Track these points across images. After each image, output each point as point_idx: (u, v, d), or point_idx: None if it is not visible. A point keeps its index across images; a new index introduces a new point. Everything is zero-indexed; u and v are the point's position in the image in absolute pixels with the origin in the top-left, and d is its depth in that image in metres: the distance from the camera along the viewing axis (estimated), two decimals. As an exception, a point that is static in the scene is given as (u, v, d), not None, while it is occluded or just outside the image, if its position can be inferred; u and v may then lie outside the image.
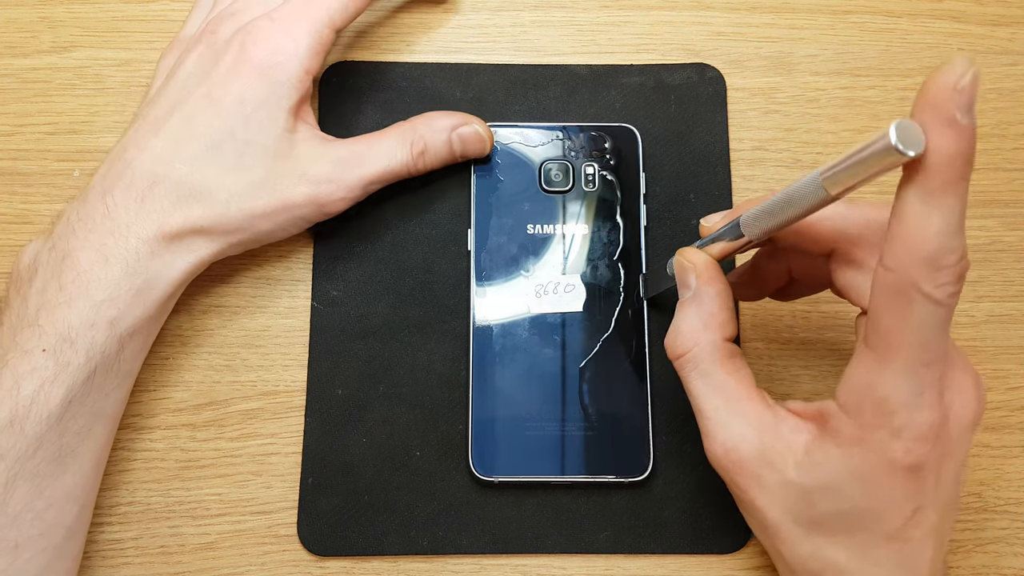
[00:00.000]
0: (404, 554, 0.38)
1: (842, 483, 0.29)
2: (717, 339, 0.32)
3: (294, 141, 0.38)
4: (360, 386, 0.39)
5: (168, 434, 0.39)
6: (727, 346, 0.32)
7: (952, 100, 0.23)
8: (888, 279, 0.26)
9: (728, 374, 0.32)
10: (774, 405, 0.31)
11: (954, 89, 0.23)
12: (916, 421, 0.27)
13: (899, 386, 0.27)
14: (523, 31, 0.44)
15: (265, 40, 0.37)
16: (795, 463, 0.29)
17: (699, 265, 0.33)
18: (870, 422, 0.27)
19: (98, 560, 0.38)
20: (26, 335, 0.33)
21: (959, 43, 0.44)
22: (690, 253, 0.34)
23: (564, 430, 0.38)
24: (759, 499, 0.31)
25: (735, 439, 0.31)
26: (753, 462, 0.30)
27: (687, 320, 0.33)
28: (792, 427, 0.30)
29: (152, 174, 0.35)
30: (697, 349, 0.32)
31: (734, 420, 0.31)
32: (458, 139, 0.40)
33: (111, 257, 0.34)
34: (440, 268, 0.41)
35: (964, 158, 0.24)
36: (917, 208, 0.25)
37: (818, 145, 0.43)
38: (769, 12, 0.45)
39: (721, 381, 0.32)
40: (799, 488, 0.29)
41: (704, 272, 0.33)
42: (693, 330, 0.32)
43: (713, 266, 0.33)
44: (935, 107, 0.24)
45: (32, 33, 0.44)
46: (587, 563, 0.38)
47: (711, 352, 0.32)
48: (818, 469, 0.29)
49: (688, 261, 0.33)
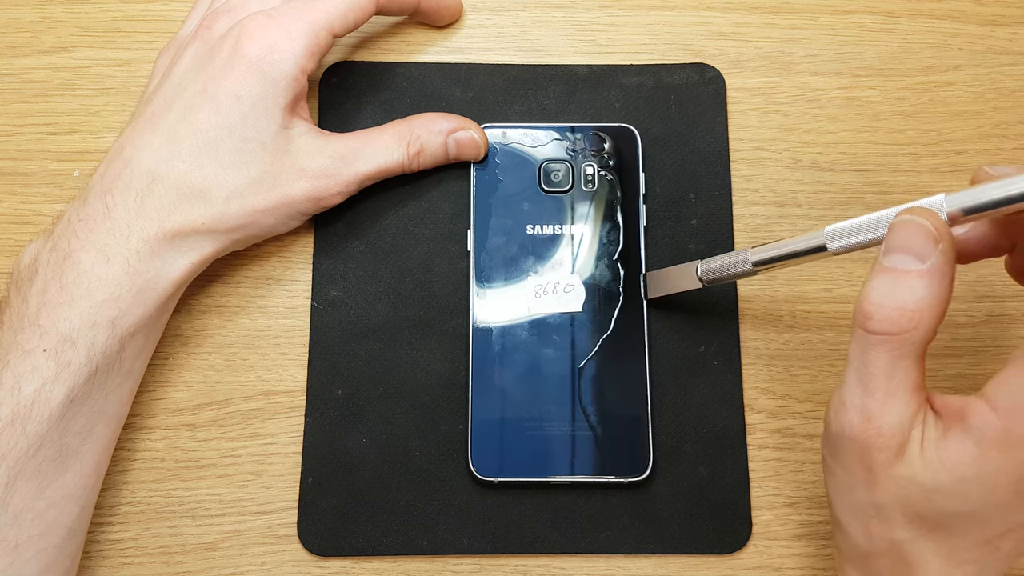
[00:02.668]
0: (404, 554, 0.38)
1: (968, 485, 0.27)
2: (935, 326, 0.29)
3: (291, 137, 0.38)
4: (360, 386, 0.39)
5: (168, 434, 0.39)
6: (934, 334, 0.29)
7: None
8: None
9: (918, 364, 0.29)
10: (930, 398, 0.30)
11: None
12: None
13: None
14: (523, 31, 0.44)
15: (261, 36, 0.37)
16: (925, 459, 0.28)
17: (947, 237, 0.28)
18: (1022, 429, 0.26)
19: (98, 560, 0.38)
20: (27, 335, 0.33)
21: (959, 43, 0.44)
22: (934, 217, 0.29)
23: (564, 430, 0.38)
24: (881, 483, 0.29)
25: (893, 426, 0.29)
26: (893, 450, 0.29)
27: (916, 295, 0.28)
28: (932, 423, 0.29)
29: (151, 173, 0.35)
30: (916, 332, 0.28)
31: (901, 408, 0.29)
32: (454, 143, 0.40)
33: (112, 257, 0.34)
34: (440, 268, 0.41)
35: None
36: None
37: (818, 145, 0.43)
38: (769, 12, 0.45)
39: (910, 368, 0.29)
40: (921, 485, 0.28)
41: (951, 247, 0.28)
42: (920, 309, 0.28)
43: (954, 241, 0.29)
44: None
45: (32, 33, 0.44)
46: (587, 563, 0.38)
47: (925, 338, 0.29)
48: (949, 469, 0.28)
49: (934, 226, 0.28)
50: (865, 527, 0.30)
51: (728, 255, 0.35)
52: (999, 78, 0.44)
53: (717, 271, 0.36)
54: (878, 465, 0.29)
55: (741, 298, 0.41)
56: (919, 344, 0.29)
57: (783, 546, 0.38)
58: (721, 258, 0.36)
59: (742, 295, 0.41)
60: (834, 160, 0.42)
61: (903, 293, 0.28)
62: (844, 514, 0.32)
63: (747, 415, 0.39)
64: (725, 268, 0.35)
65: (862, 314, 0.29)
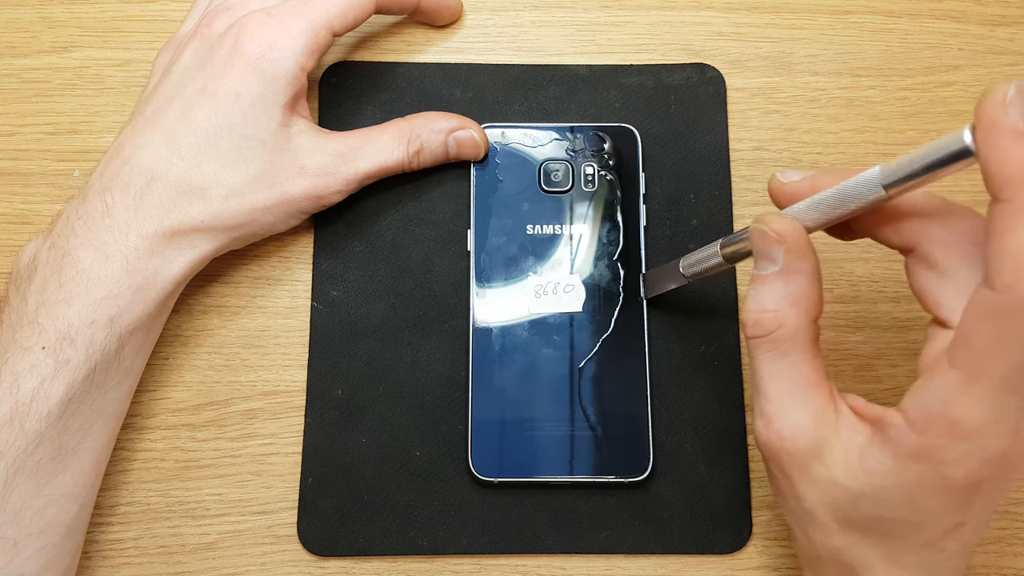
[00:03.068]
0: (404, 554, 0.38)
1: (891, 494, 0.28)
2: (805, 321, 0.30)
3: (291, 135, 0.38)
4: (360, 386, 0.39)
5: (168, 434, 0.39)
6: (813, 328, 0.30)
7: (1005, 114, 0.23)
8: (992, 300, 0.24)
9: (806, 360, 0.30)
10: (838, 399, 0.30)
11: (1004, 104, 0.23)
12: (986, 447, 0.26)
13: (979, 411, 0.25)
14: (523, 31, 0.44)
15: (260, 34, 0.37)
16: (847, 464, 0.28)
17: (789, 237, 0.30)
18: (936, 441, 0.26)
19: (98, 560, 0.38)
20: (25, 333, 0.33)
21: (959, 43, 0.44)
22: (776, 221, 0.30)
23: (564, 430, 0.38)
24: (802, 489, 0.30)
25: (793, 427, 0.29)
26: (806, 453, 0.29)
27: (773, 298, 0.30)
28: (851, 425, 0.29)
29: (150, 170, 0.35)
30: (782, 331, 0.30)
31: (797, 407, 0.29)
32: (454, 143, 0.40)
33: (111, 255, 0.34)
34: (440, 268, 0.41)
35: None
36: (1014, 223, 0.23)
37: (818, 145, 0.43)
38: (769, 12, 0.45)
39: (795, 365, 0.30)
40: (845, 489, 0.28)
41: (796, 245, 0.30)
42: (780, 310, 0.30)
43: (806, 238, 0.30)
44: (991, 127, 0.23)
45: (32, 33, 0.44)
46: (587, 563, 0.38)
47: (795, 334, 0.30)
48: (869, 476, 0.28)
49: (774, 231, 0.30)
50: (805, 533, 0.31)
51: (703, 248, 0.35)
52: (999, 78, 0.44)
53: (695, 264, 0.36)
54: (793, 468, 0.30)
55: (741, 298, 0.41)
56: (791, 342, 0.30)
57: (783, 546, 0.38)
58: (697, 252, 0.36)
59: (742, 295, 0.41)
60: (834, 160, 0.42)
61: (764, 296, 0.30)
62: (789, 521, 0.32)
63: (747, 415, 0.39)
64: (700, 261, 0.35)
65: (740, 323, 0.31)
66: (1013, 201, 0.23)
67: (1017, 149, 0.23)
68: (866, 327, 0.40)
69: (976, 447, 0.26)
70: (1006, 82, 0.23)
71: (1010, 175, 0.23)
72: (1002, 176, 0.23)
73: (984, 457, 0.26)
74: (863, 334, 0.40)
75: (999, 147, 0.23)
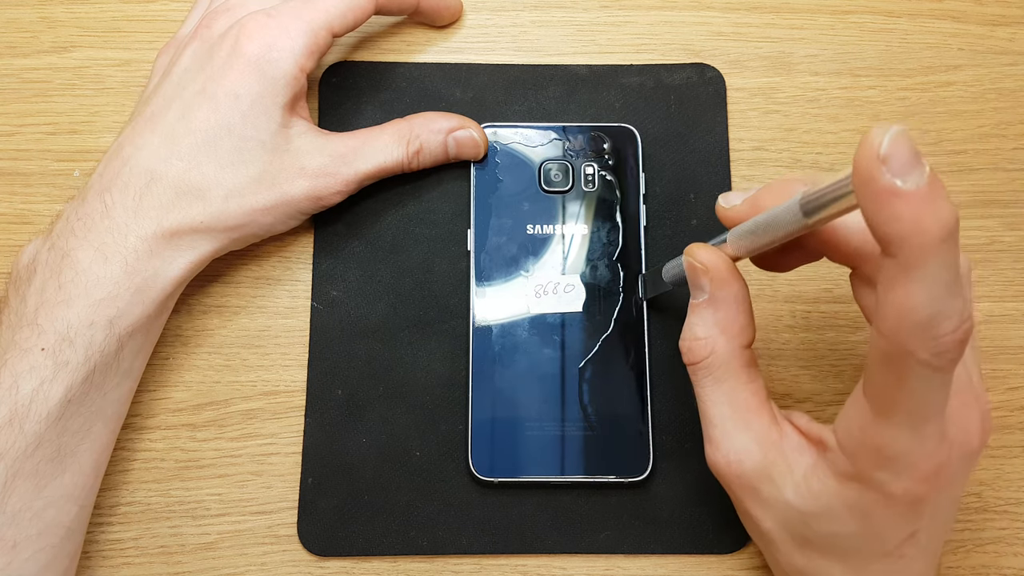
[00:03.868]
0: (404, 554, 0.38)
1: (838, 512, 0.28)
2: (735, 347, 0.31)
3: (290, 136, 0.38)
4: (360, 386, 0.39)
5: (168, 434, 0.39)
6: (744, 354, 0.31)
7: (880, 170, 0.21)
8: (882, 345, 0.24)
9: (742, 385, 0.31)
10: (781, 420, 0.31)
11: (878, 159, 0.21)
12: (917, 467, 0.26)
13: (898, 438, 0.26)
14: (523, 31, 0.44)
15: (260, 35, 0.37)
16: (794, 485, 0.29)
17: (712, 267, 0.31)
18: (867, 465, 0.27)
19: (98, 560, 0.38)
20: (25, 334, 0.33)
21: (959, 43, 0.44)
22: (701, 252, 0.31)
23: (564, 430, 0.38)
24: (755, 511, 0.31)
25: (738, 451, 0.30)
26: (753, 476, 0.30)
27: (703, 325, 0.31)
28: (795, 447, 0.30)
29: (149, 171, 0.35)
30: (713, 358, 0.31)
31: (740, 432, 0.30)
32: (454, 142, 0.40)
33: (110, 256, 0.34)
34: (440, 268, 0.41)
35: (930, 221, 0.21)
36: (898, 277, 0.23)
37: (818, 145, 0.43)
38: (769, 12, 0.45)
39: (733, 391, 0.31)
40: (795, 509, 0.29)
41: (718, 275, 0.31)
42: (710, 337, 0.31)
43: (729, 267, 0.31)
44: (867, 183, 0.22)
45: (32, 33, 0.44)
46: (587, 563, 0.38)
47: (727, 360, 0.31)
48: (815, 497, 0.28)
49: (699, 262, 0.31)
50: (769, 553, 0.32)
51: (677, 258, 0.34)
52: (999, 78, 0.44)
53: (672, 271, 0.35)
54: (744, 491, 0.31)
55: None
56: (724, 368, 0.31)
57: (783, 546, 0.38)
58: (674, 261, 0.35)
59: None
60: (834, 160, 0.42)
61: (696, 324, 0.31)
62: (755, 541, 0.33)
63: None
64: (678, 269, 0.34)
65: (680, 351, 0.32)
66: (898, 257, 0.22)
67: (896, 208, 0.22)
68: (866, 327, 0.40)
69: (905, 467, 0.26)
70: (881, 128, 0.21)
71: (892, 235, 0.22)
72: (884, 235, 0.22)
73: (917, 476, 0.26)
74: (863, 334, 0.40)
75: (878, 207, 0.22)
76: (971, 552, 0.38)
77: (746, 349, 0.31)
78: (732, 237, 0.31)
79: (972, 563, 0.38)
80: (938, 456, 0.26)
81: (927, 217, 0.22)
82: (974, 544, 0.38)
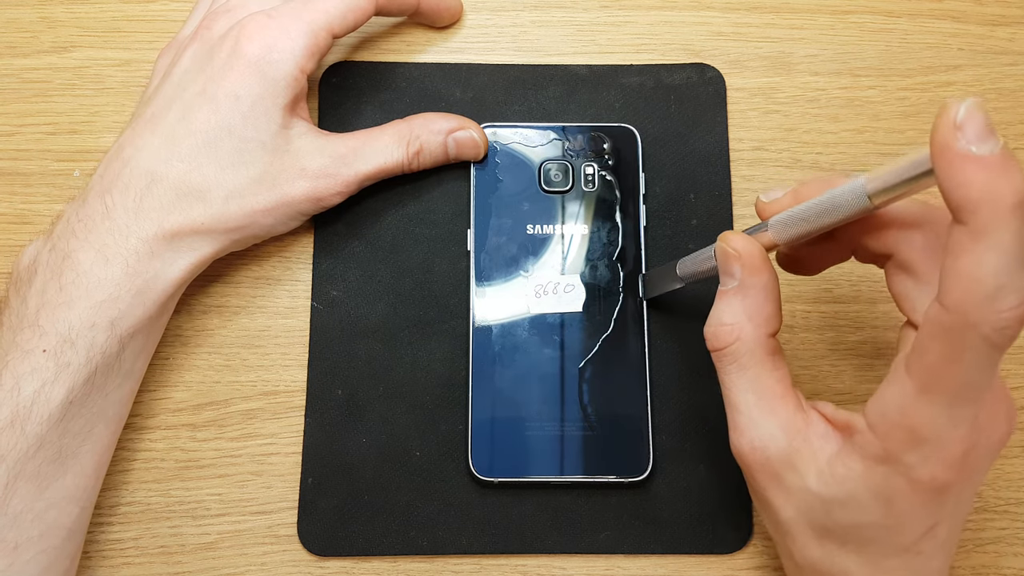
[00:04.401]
0: (404, 554, 0.38)
1: (862, 499, 0.28)
2: (762, 335, 0.31)
3: (290, 137, 0.38)
4: (360, 386, 0.39)
5: (168, 434, 0.39)
6: (770, 342, 0.31)
7: (956, 136, 0.23)
8: (943, 318, 0.24)
9: (767, 372, 0.31)
10: (807, 408, 0.30)
11: (954, 127, 0.23)
12: (947, 450, 0.26)
13: (936, 418, 0.26)
14: (523, 31, 0.44)
15: (260, 36, 0.37)
16: (817, 472, 0.29)
17: (745, 254, 0.31)
18: (898, 446, 0.27)
19: (98, 560, 0.38)
20: (26, 336, 0.33)
21: (959, 43, 0.44)
22: (735, 239, 0.32)
23: (564, 430, 0.38)
24: (776, 499, 0.30)
25: (763, 438, 0.30)
26: (777, 463, 0.30)
27: (730, 312, 0.31)
28: (821, 434, 0.30)
29: (150, 173, 0.35)
30: (739, 344, 0.31)
31: (765, 418, 0.30)
32: (454, 143, 0.40)
33: (111, 257, 0.34)
34: (440, 268, 0.41)
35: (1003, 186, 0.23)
36: (967, 245, 0.23)
37: (818, 145, 0.43)
38: (769, 12, 0.45)
39: (758, 377, 0.31)
40: (818, 497, 0.29)
41: (751, 262, 0.31)
42: (737, 323, 0.31)
43: (762, 255, 0.31)
44: (944, 150, 0.23)
45: (32, 33, 0.44)
46: (587, 563, 0.38)
47: (753, 348, 0.31)
48: (839, 482, 0.28)
49: (732, 248, 0.31)
50: (784, 545, 0.32)
51: (701, 251, 0.35)
52: (999, 78, 0.44)
53: (691, 266, 0.36)
54: (767, 479, 0.30)
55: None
56: (750, 355, 0.31)
57: (783, 546, 0.38)
58: (693, 254, 0.36)
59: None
60: (834, 160, 0.42)
61: (723, 311, 0.32)
62: (771, 533, 0.33)
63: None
64: (696, 263, 0.35)
65: (705, 337, 0.32)
66: (968, 224, 0.23)
67: (970, 173, 0.23)
68: (866, 327, 0.40)
69: (936, 451, 0.26)
70: (957, 100, 0.23)
71: (965, 199, 0.23)
72: (957, 200, 0.23)
73: (946, 461, 0.26)
74: (863, 334, 0.40)
75: (953, 171, 0.23)
76: (971, 552, 0.38)
77: (771, 338, 0.31)
78: (776, 223, 0.31)
79: (972, 563, 0.38)
80: (968, 442, 0.26)
81: (1000, 182, 0.23)
82: (974, 544, 0.38)
